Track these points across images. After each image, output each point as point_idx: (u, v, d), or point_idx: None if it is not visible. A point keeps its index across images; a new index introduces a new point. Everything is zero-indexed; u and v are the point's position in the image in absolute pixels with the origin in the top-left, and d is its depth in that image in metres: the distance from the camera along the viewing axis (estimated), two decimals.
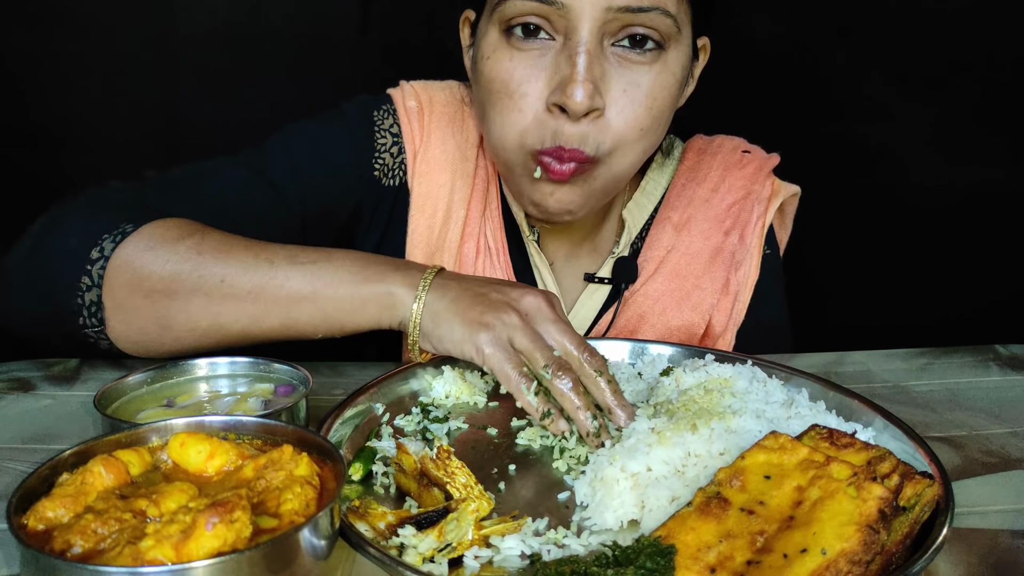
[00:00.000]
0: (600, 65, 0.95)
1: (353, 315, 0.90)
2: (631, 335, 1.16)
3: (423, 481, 0.73)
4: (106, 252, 0.90)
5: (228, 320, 0.91)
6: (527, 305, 0.86)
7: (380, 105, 1.17)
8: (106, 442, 0.65)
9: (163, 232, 0.92)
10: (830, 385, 0.92)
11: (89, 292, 0.90)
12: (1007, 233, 2.08)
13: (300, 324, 0.91)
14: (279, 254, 0.91)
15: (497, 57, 0.98)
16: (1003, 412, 0.97)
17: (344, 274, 0.90)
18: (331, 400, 0.91)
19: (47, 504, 0.57)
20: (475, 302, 0.86)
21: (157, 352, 0.94)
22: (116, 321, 0.92)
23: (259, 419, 0.69)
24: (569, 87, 0.93)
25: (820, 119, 1.98)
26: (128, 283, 0.90)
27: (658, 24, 0.94)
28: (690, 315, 1.16)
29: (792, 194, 1.24)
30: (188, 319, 0.90)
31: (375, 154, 1.14)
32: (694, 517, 0.64)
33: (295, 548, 0.55)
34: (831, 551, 0.58)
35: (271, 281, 0.89)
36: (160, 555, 0.52)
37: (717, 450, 0.75)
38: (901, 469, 0.69)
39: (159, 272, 0.90)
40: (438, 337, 0.87)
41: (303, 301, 0.90)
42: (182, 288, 0.89)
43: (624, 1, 0.92)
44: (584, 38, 0.93)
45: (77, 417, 0.91)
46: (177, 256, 0.90)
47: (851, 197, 2.03)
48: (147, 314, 0.91)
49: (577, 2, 0.91)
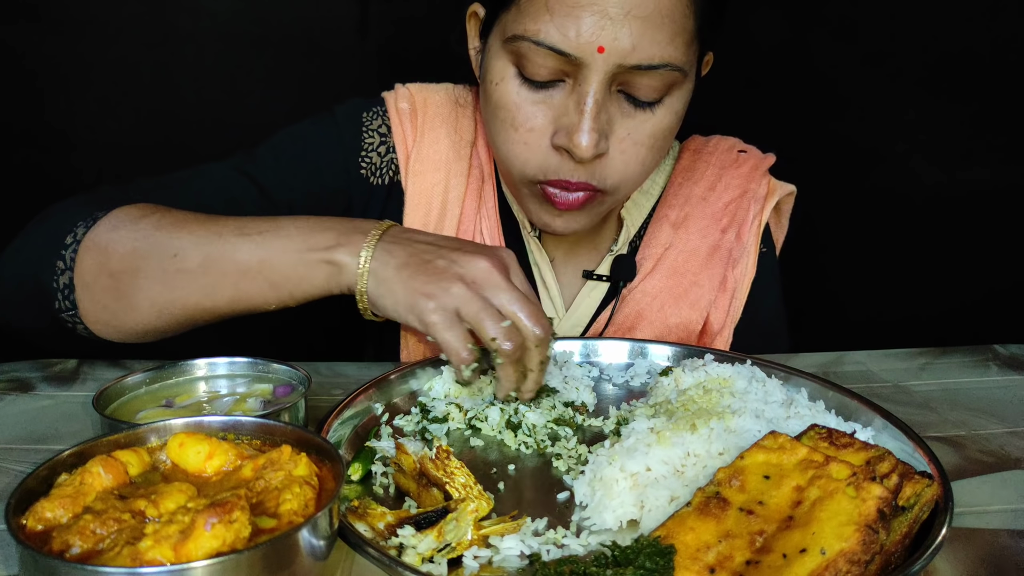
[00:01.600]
0: (607, 111, 0.96)
1: (301, 284, 0.89)
2: (629, 331, 1.17)
3: (422, 481, 0.73)
4: (78, 236, 0.94)
5: (182, 294, 0.91)
6: (475, 272, 0.84)
7: (371, 107, 1.19)
8: (105, 442, 0.65)
9: (127, 213, 0.96)
10: (829, 385, 0.92)
11: (63, 275, 0.93)
12: (1006, 232, 2.08)
13: (251, 295, 0.91)
14: (228, 226, 0.92)
15: (505, 87, 0.99)
16: (1002, 412, 0.97)
17: (290, 243, 0.89)
18: (330, 400, 0.91)
19: (46, 504, 0.57)
20: (420, 270, 0.85)
21: (125, 332, 0.96)
22: (85, 301, 0.94)
23: (258, 419, 0.69)
24: (576, 136, 0.94)
25: (817, 118, 1.98)
26: (94, 263, 0.93)
27: (666, 78, 0.96)
28: (688, 312, 1.17)
29: (788, 193, 1.25)
30: (147, 295, 0.92)
31: (362, 153, 1.16)
32: (693, 517, 0.64)
33: (294, 548, 0.55)
34: (830, 551, 0.58)
35: (220, 253, 0.90)
36: (159, 555, 0.52)
37: (716, 450, 0.75)
38: (900, 469, 0.69)
39: (121, 250, 0.92)
40: (383, 306, 0.86)
41: (251, 272, 0.89)
42: (141, 264, 0.91)
43: (636, 60, 0.92)
44: (593, 88, 0.94)
45: (76, 417, 0.91)
46: (137, 234, 0.93)
47: (848, 196, 2.03)
48: (111, 292, 0.93)
49: (589, 57, 0.92)
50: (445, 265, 0.84)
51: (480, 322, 0.82)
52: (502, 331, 0.82)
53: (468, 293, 0.82)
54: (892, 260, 2.11)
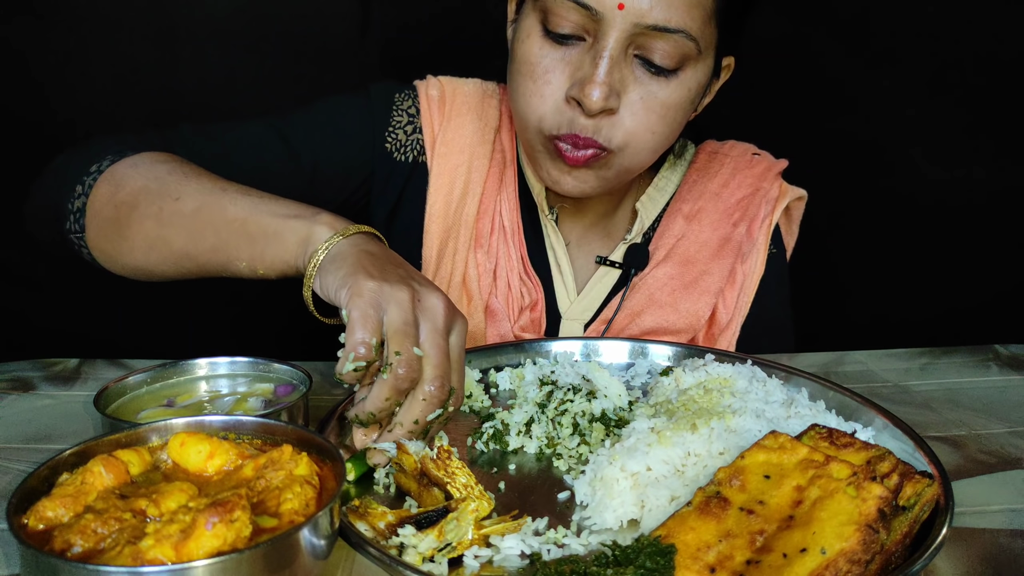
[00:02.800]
0: (620, 71, 1.01)
1: (272, 243, 0.87)
2: (639, 317, 1.18)
3: (423, 481, 0.73)
4: (102, 167, 1.01)
5: (172, 234, 0.95)
6: (427, 299, 0.78)
7: (403, 90, 1.24)
8: (106, 442, 0.65)
9: (151, 157, 1.02)
10: (830, 385, 0.92)
11: (78, 199, 1.01)
12: (1007, 233, 2.08)
13: (228, 248, 0.91)
14: (235, 186, 0.95)
15: (530, 43, 1.04)
16: (1002, 412, 0.97)
17: (280, 207, 0.90)
18: (331, 400, 0.91)
19: (47, 504, 0.57)
20: (381, 265, 0.80)
21: (118, 263, 1.01)
22: (91, 228, 1.00)
23: (259, 419, 0.69)
24: (588, 87, 0.99)
25: (822, 119, 1.98)
26: (106, 193, 0.99)
27: (681, 46, 1.00)
28: (697, 300, 1.19)
29: (798, 197, 1.28)
30: (140, 229, 0.96)
31: (388, 128, 1.21)
32: (694, 517, 0.64)
33: (295, 548, 0.55)
34: (830, 550, 0.58)
35: (216, 203, 0.93)
36: (160, 555, 0.52)
37: (717, 450, 0.75)
38: (901, 468, 0.69)
39: (132, 185, 0.98)
40: (326, 283, 0.81)
41: (234, 223, 0.91)
42: (144, 201, 0.96)
43: (652, 20, 0.97)
44: (610, 44, 0.99)
45: (77, 417, 0.91)
46: (150, 174, 0.98)
47: (849, 196, 2.03)
48: (112, 223, 0.98)
49: (610, 12, 0.97)
50: (405, 275, 0.80)
51: (397, 333, 0.75)
52: (409, 356, 0.74)
53: (408, 304, 0.76)
54: (893, 260, 2.10)
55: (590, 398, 0.89)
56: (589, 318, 1.22)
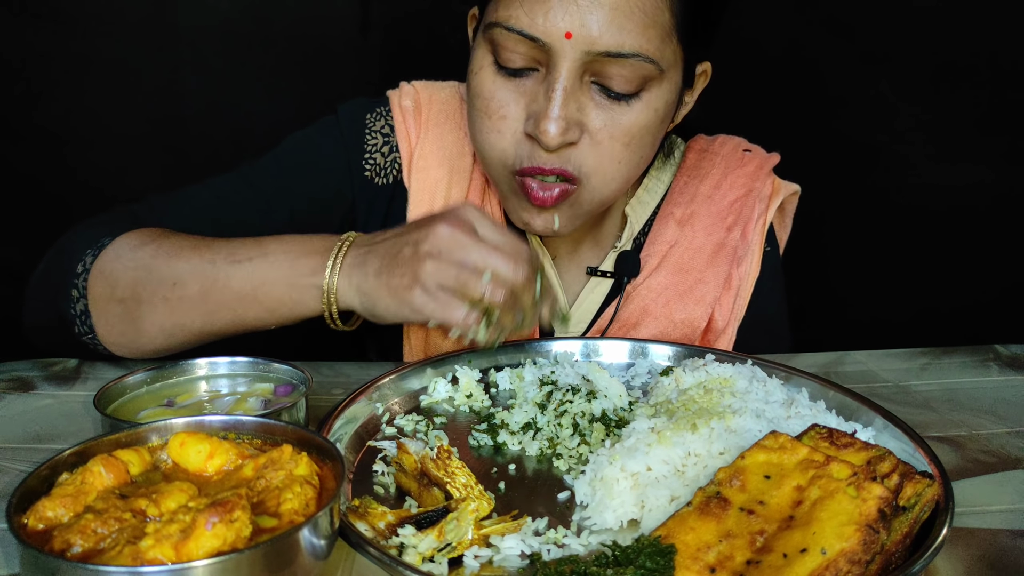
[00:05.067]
0: (577, 100, 0.96)
1: (296, 308, 0.94)
2: (634, 327, 1.17)
3: (423, 481, 0.73)
4: (87, 265, 1.00)
5: (186, 320, 0.96)
6: (439, 242, 0.86)
7: (375, 107, 1.20)
8: (106, 442, 0.65)
9: (129, 242, 1.00)
10: (830, 385, 0.92)
11: (78, 303, 0.99)
12: (1008, 232, 2.08)
13: (249, 320, 0.96)
14: (220, 253, 0.96)
15: (483, 76, 1.01)
16: (1003, 412, 0.97)
17: (277, 271, 0.93)
18: (331, 400, 0.91)
19: (47, 504, 0.57)
20: (392, 265, 0.88)
21: (140, 351, 1.01)
22: (100, 327, 0.99)
23: (259, 419, 0.69)
24: (543, 123, 0.95)
25: (819, 118, 1.98)
26: (102, 292, 0.98)
27: (639, 68, 0.95)
28: (693, 308, 1.17)
29: (792, 193, 1.25)
30: (154, 321, 0.97)
31: (365, 155, 1.18)
32: (694, 517, 0.64)
33: (295, 548, 0.55)
34: (831, 551, 0.58)
35: (215, 283, 0.94)
36: (160, 555, 0.52)
37: (717, 450, 0.75)
38: (901, 469, 0.69)
39: (124, 279, 0.97)
40: (379, 315, 0.90)
41: (247, 299, 0.94)
42: (144, 293, 0.96)
43: (604, 46, 0.93)
44: (562, 76, 0.94)
45: (77, 417, 0.91)
46: (136, 263, 0.98)
47: (849, 195, 2.03)
48: (121, 318, 0.98)
49: (558, 42, 0.93)
50: (411, 251, 0.87)
51: (462, 286, 0.84)
52: (486, 286, 0.84)
53: (440, 265, 0.84)
54: (893, 260, 2.10)
55: (590, 398, 0.89)
56: (583, 331, 1.19)
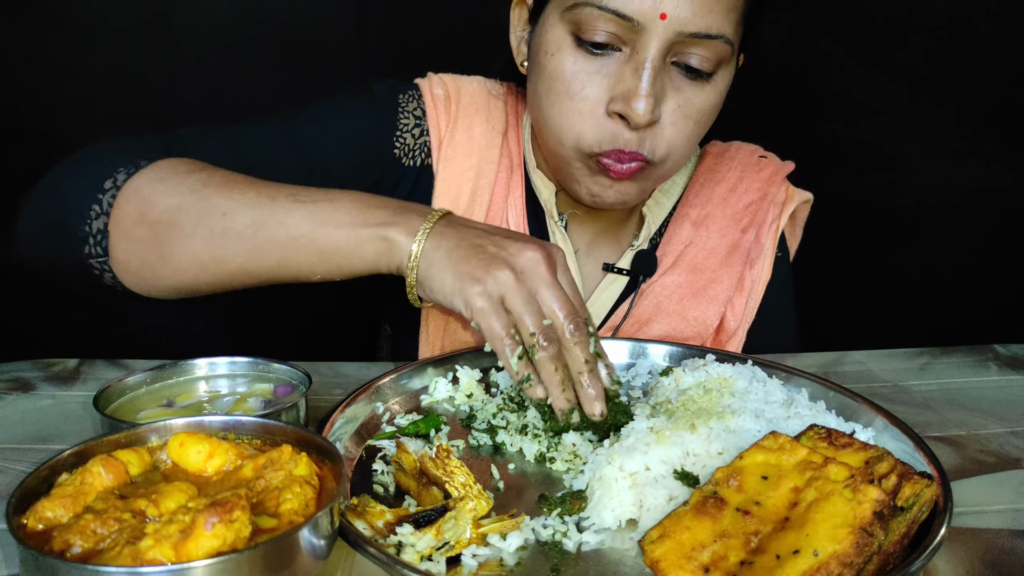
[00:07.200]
0: (661, 80, 0.99)
1: (350, 257, 0.89)
2: (647, 324, 1.18)
3: (422, 480, 0.73)
4: (118, 183, 0.91)
5: (228, 254, 0.89)
6: (524, 262, 0.84)
7: (407, 90, 1.20)
8: (105, 442, 0.65)
9: (174, 167, 0.93)
10: (830, 385, 0.92)
11: (97, 220, 0.91)
12: (1007, 232, 2.08)
13: (297, 263, 0.90)
14: (282, 191, 0.90)
15: (561, 57, 1.01)
16: (1002, 412, 0.97)
17: (343, 215, 0.88)
18: (331, 400, 0.91)
19: (46, 504, 0.57)
20: (471, 254, 0.84)
21: (156, 286, 0.94)
22: (119, 251, 0.91)
23: (258, 419, 0.69)
24: (633, 100, 0.97)
25: (820, 121, 1.98)
26: (134, 212, 0.90)
27: (719, 50, 0.99)
28: (706, 308, 1.19)
29: (804, 200, 1.27)
30: (189, 250, 0.90)
31: (396, 132, 1.17)
32: (690, 516, 0.64)
33: (295, 548, 0.56)
34: (823, 553, 0.58)
35: (271, 217, 0.88)
36: (159, 555, 0.52)
37: (716, 450, 0.75)
38: (899, 469, 0.69)
39: (164, 202, 0.90)
40: (430, 287, 0.86)
41: (301, 239, 0.88)
42: (186, 219, 0.89)
43: (695, 28, 0.96)
44: (652, 55, 0.96)
45: (77, 417, 0.91)
46: (183, 188, 0.90)
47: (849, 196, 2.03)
48: (148, 243, 0.90)
49: (652, 22, 0.95)
50: (495, 251, 0.84)
51: (522, 316, 0.82)
52: (543, 329, 0.81)
53: (515, 282, 0.82)
54: (893, 260, 2.10)
55: None
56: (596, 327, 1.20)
